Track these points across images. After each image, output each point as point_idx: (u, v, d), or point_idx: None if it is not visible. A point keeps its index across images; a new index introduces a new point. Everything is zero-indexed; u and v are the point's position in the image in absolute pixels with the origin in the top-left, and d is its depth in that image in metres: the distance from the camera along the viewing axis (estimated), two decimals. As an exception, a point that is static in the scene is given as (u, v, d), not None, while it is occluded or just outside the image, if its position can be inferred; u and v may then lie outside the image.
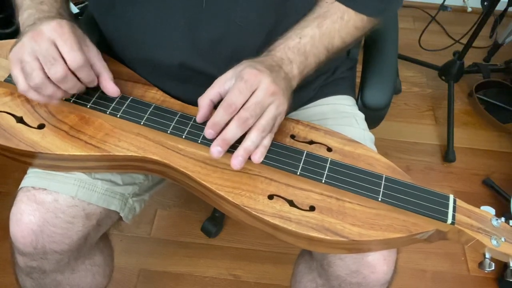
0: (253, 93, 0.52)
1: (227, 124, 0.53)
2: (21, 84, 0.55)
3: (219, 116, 0.53)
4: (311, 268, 0.73)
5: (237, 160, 0.53)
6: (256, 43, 0.62)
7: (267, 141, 0.55)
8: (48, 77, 0.54)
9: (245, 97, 0.52)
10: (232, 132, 0.52)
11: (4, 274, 1.09)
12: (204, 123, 0.59)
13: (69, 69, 0.54)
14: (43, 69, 0.54)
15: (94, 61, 0.58)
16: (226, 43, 0.61)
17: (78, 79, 0.57)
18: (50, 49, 0.53)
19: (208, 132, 0.54)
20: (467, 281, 1.18)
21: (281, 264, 1.18)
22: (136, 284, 1.13)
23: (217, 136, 0.53)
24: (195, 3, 0.59)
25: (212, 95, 0.55)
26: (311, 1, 0.63)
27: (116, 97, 0.62)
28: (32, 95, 0.56)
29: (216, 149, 0.53)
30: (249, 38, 0.61)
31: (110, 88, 0.60)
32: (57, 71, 0.53)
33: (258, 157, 0.54)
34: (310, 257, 0.74)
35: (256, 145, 0.54)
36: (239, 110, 0.52)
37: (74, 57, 0.54)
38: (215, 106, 0.55)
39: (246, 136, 0.53)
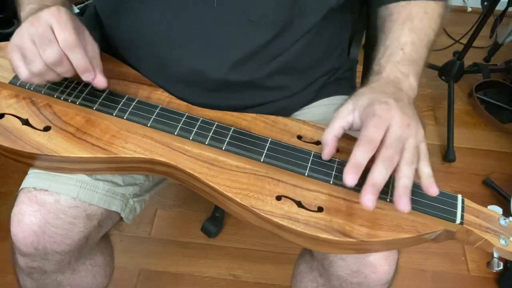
0: (387, 128, 0.49)
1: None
2: (23, 71, 0.54)
3: (361, 155, 0.47)
4: (312, 268, 0.73)
5: (402, 201, 0.47)
6: (266, 39, 0.61)
7: (428, 170, 0.50)
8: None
9: (382, 132, 0.48)
10: (381, 175, 0.47)
11: (4, 274, 1.09)
12: (209, 123, 0.59)
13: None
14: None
15: (87, 48, 0.56)
16: (238, 41, 0.61)
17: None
18: (46, 31, 0.52)
19: (350, 177, 0.46)
20: (467, 281, 1.19)
21: (281, 264, 1.17)
22: (136, 284, 1.13)
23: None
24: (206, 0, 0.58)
25: (337, 131, 0.53)
26: (326, 2, 0.63)
27: (122, 99, 0.61)
28: (36, 80, 0.56)
29: (369, 199, 0.46)
30: (261, 36, 0.61)
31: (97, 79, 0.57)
32: (50, 53, 0.52)
33: (434, 190, 0.50)
34: (311, 257, 0.74)
35: (412, 179, 0.48)
36: (380, 150, 0.48)
37: (65, 37, 0.53)
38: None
39: (397, 173, 0.48)
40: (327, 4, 0.63)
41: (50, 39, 0.52)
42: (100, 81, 0.58)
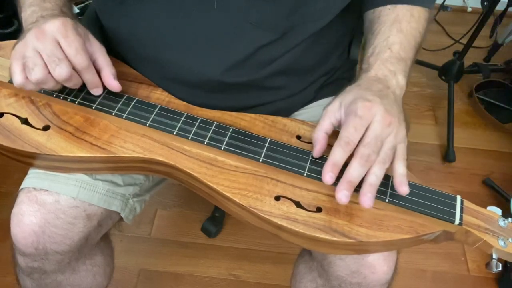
0: (368, 126, 0.50)
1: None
2: (17, 76, 0.54)
3: (338, 156, 0.49)
4: (311, 268, 0.73)
5: (366, 197, 0.49)
6: (266, 42, 0.61)
7: (402, 169, 0.52)
8: (50, 73, 0.54)
9: (361, 133, 0.50)
10: (356, 173, 0.49)
11: (5, 274, 1.09)
12: (208, 122, 0.59)
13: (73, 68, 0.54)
14: (46, 65, 0.53)
15: (97, 55, 0.58)
16: (237, 43, 0.61)
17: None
18: (55, 49, 0.53)
19: (329, 175, 0.50)
20: (467, 281, 1.19)
21: (281, 264, 1.17)
22: (136, 284, 1.12)
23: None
24: (205, 2, 0.58)
25: (326, 128, 0.54)
26: (328, 9, 0.63)
27: (122, 98, 0.61)
28: (30, 87, 0.56)
29: (344, 194, 0.49)
30: (261, 38, 0.61)
31: (111, 83, 0.59)
32: (62, 71, 0.53)
33: (404, 189, 0.51)
34: (310, 257, 0.74)
35: (381, 178, 0.50)
36: (358, 147, 0.49)
37: (79, 60, 0.54)
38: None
39: (369, 171, 0.50)
40: (329, 13, 0.63)
41: (60, 57, 0.53)
42: (114, 87, 0.59)
